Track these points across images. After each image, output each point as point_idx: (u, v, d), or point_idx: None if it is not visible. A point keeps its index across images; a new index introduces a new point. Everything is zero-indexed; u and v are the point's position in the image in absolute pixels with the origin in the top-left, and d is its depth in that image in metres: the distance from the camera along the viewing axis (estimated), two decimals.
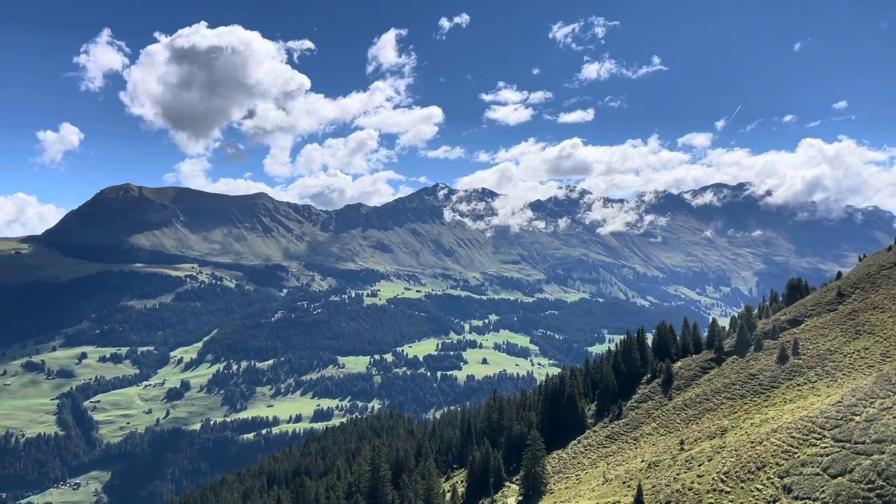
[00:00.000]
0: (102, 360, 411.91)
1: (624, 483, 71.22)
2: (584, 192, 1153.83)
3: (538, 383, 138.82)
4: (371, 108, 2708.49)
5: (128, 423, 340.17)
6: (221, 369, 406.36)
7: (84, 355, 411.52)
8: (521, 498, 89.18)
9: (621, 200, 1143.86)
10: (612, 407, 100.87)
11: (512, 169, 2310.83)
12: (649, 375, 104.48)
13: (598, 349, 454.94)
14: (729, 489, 51.34)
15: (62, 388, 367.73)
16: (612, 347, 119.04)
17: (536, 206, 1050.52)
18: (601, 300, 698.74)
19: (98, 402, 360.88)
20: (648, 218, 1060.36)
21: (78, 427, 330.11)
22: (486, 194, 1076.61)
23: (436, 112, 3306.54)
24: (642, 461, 76.02)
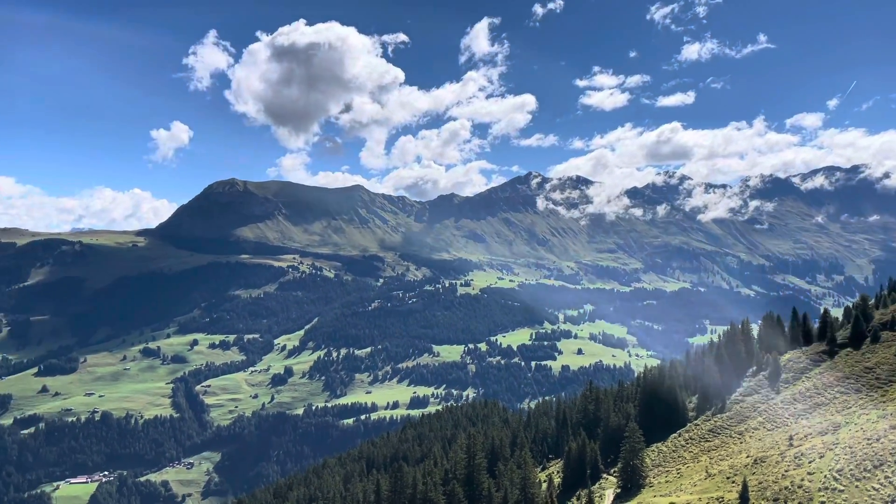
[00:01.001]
0: (212, 346, 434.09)
1: (728, 478, 68.89)
2: (683, 178, 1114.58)
3: (636, 374, 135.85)
4: (464, 98, 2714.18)
5: (236, 407, 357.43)
6: (322, 356, 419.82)
7: (195, 342, 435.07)
8: (619, 490, 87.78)
9: (724, 186, 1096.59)
10: (714, 400, 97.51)
11: (607, 155, 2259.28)
12: (755, 368, 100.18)
13: (699, 340, 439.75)
14: (842, 487, 48.65)
15: (176, 372, 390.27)
16: (715, 339, 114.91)
17: (633, 194, 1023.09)
18: (703, 290, 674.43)
19: (209, 386, 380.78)
20: (754, 203, 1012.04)
21: (191, 410, 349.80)
22: (581, 182, 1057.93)
23: (529, 100, 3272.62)
24: (748, 456, 73.20)
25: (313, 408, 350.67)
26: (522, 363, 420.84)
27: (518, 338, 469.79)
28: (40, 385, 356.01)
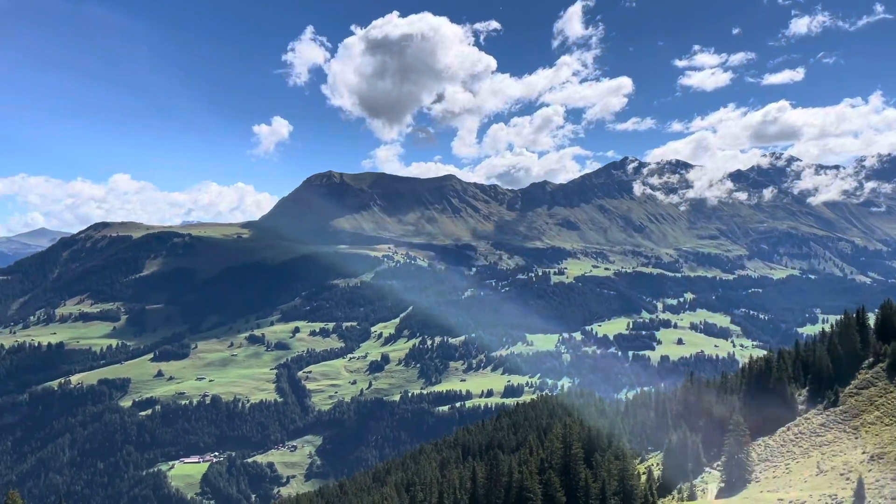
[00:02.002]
0: (313, 334, 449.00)
1: (841, 475, 65.22)
2: (791, 160, 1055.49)
3: (740, 365, 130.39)
4: (557, 83, 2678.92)
5: (336, 393, 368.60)
6: (417, 344, 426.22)
7: (297, 329, 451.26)
8: (722, 485, 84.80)
9: (836, 167, 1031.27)
10: (826, 393, 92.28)
11: (709, 138, 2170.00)
12: (872, 359, 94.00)
13: (809, 330, 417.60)
14: None
15: (279, 359, 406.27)
16: (827, 328, 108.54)
17: (737, 177, 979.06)
18: (813, 277, 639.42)
19: (310, 372, 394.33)
20: (870, 185, 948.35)
21: (293, 395, 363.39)
22: (680, 166, 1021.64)
23: (625, 83, 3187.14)
24: (863, 453, 68.96)
25: (409, 394, 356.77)
26: (619, 353, 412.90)
27: (614, 327, 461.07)
28: (156, 370, 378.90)
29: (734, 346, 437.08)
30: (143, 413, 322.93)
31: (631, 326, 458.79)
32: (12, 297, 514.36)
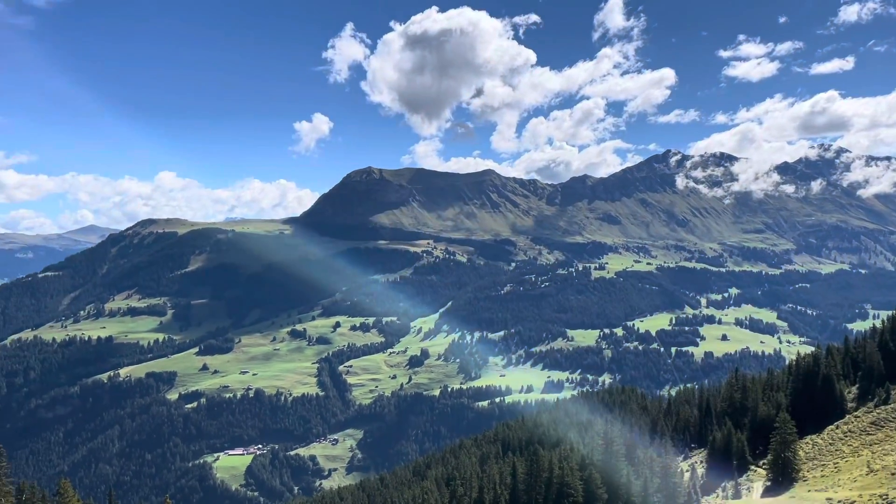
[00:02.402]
0: (353, 328, 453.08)
1: (893, 475, 63.31)
2: (841, 151, 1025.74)
3: (787, 362, 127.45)
4: (597, 76, 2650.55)
5: (376, 387, 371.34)
6: (456, 339, 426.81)
7: (338, 324, 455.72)
8: (768, 483, 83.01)
9: (888, 158, 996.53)
10: (877, 390, 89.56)
11: (754, 129, 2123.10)
12: None
13: (859, 326, 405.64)
14: None
15: (321, 353, 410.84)
16: (878, 324, 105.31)
17: (783, 169, 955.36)
18: (863, 272, 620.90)
19: (350, 366, 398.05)
20: None
21: (335, 389, 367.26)
22: (724, 158, 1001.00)
23: (667, 74, 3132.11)
24: None
25: (449, 389, 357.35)
26: (661, 349, 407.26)
27: (657, 323, 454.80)
28: (201, 363, 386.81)
29: (781, 342, 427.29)
30: (188, 406, 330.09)
31: (674, 322, 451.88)
32: (63, 293, 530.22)
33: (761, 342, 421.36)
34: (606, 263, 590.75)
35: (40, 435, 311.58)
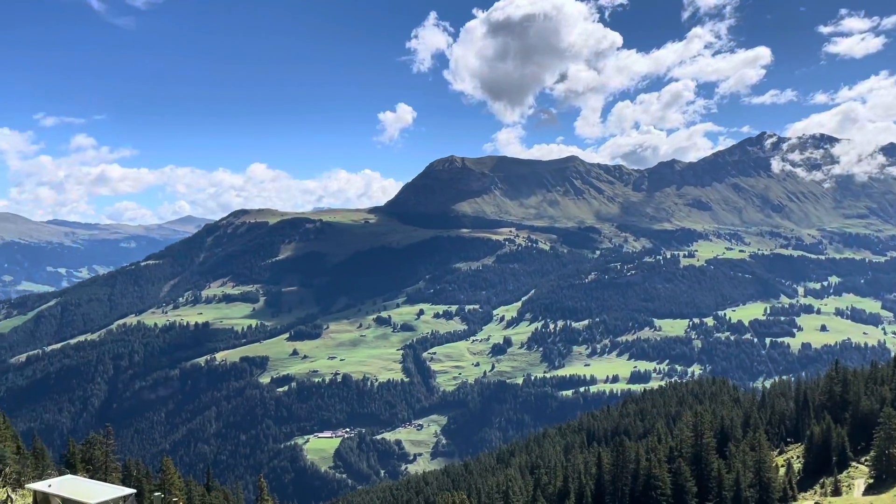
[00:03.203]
0: (436, 316, 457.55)
1: None
2: None
3: (893, 354, 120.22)
4: (687, 57, 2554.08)
5: (459, 374, 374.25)
6: (539, 328, 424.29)
7: (421, 312, 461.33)
8: (871, 481, 78.82)
9: None
10: None
11: (857, 109, 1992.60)
12: None
13: None
14: None
15: (405, 340, 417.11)
16: None
17: (890, 150, 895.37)
18: None
19: (434, 353, 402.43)
20: None
21: (419, 375, 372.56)
22: (824, 140, 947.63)
23: (762, 53, 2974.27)
24: None
25: (532, 378, 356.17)
26: (755, 339, 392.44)
27: (750, 312, 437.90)
28: (291, 349, 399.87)
29: (885, 333, 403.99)
30: (280, 389, 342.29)
31: (768, 312, 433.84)
32: (164, 280, 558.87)
33: (864, 333, 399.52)
34: (696, 251, 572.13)
35: (144, 415, 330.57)
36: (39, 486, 14.65)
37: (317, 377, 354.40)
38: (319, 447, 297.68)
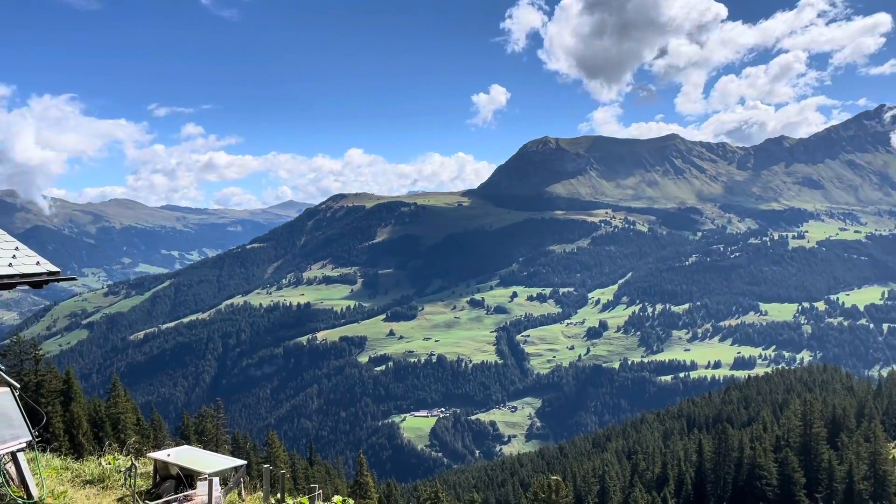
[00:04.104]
0: (530, 299, 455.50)
1: None
2: None
3: None
4: (798, 27, 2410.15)
5: (553, 357, 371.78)
6: (637, 311, 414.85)
7: (515, 294, 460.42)
8: None
9: None
10: None
11: None
12: None
13: None
14: None
15: (499, 322, 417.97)
16: None
17: None
18: None
19: (528, 336, 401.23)
20: None
21: (513, 357, 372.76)
22: None
23: (882, 20, 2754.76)
24: None
25: (629, 362, 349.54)
26: (871, 325, 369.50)
27: (866, 296, 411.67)
28: (388, 329, 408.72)
29: None
30: (377, 368, 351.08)
31: (886, 296, 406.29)
32: (268, 262, 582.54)
33: None
34: (806, 232, 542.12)
35: (251, 391, 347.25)
36: (159, 455, 15.62)
37: (412, 357, 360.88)
38: (415, 426, 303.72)
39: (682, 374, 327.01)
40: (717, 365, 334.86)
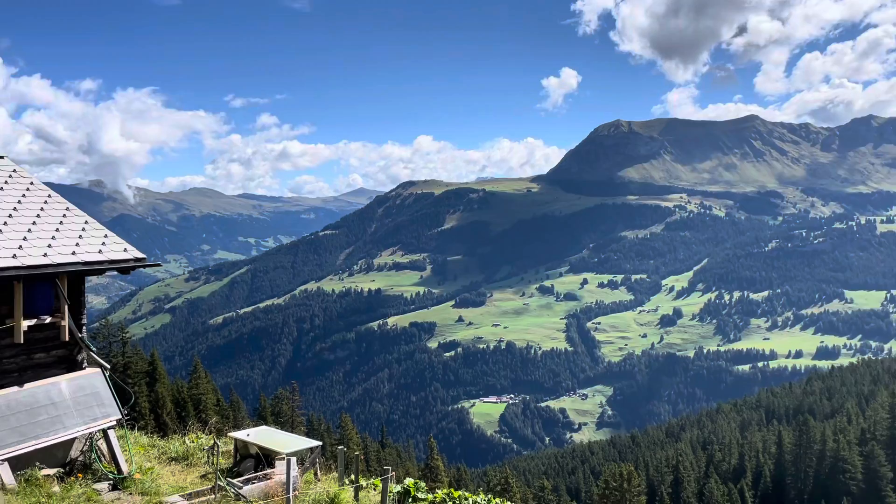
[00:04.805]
0: (601, 285, 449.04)
1: None
2: None
3: None
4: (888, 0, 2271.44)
5: (625, 345, 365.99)
6: (713, 299, 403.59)
7: (585, 281, 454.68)
8: None
9: None
10: None
11: None
12: None
13: None
14: None
15: (569, 309, 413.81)
16: None
17: None
18: None
19: (598, 323, 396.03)
20: None
21: (583, 345, 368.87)
22: None
23: None
24: None
25: (704, 351, 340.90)
26: None
27: None
28: (457, 315, 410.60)
29: None
30: (447, 354, 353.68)
31: None
32: (339, 249, 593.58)
33: None
34: None
35: (324, 374, 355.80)
36: (240, 434, 16.19)
37: (481, 343, 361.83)
38: (485, 411, 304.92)
39: (760, 364, 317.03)
40: (798, 354, 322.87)
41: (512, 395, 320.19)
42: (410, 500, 17.75)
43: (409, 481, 18.67)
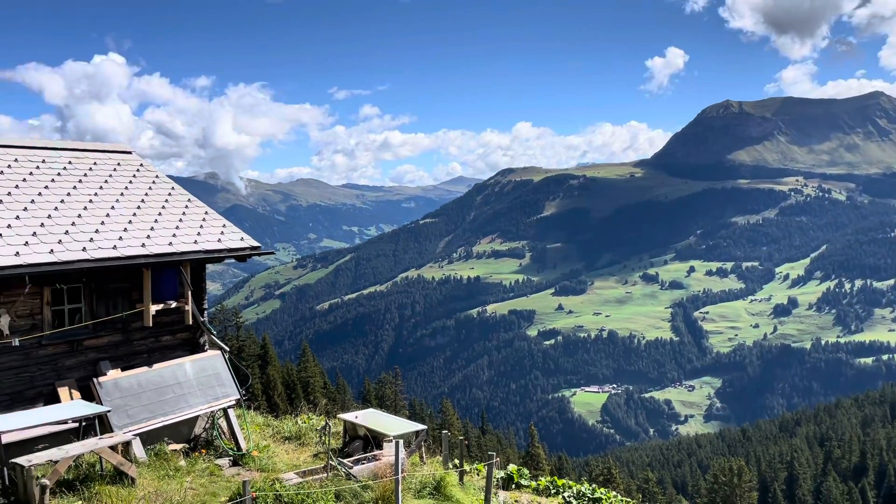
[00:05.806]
0: (709, 273, 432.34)
1: None
2: None
3: None
4: None
5: (735, 336, 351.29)
6: (832, 287, 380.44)
7: (692, 269, 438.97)
8: None
9: None
10: None
11: None
12: None
13: None
14: None
15: (674, 298, 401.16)
16: None
17: None
18: None
19: (706, 312, 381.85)
20: None
21: (689, 335, 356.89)
22: None
23: None
24: None
25: (822, 342, 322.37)
26: None
27: None
28: (557, 303, 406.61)
29: None
30: (546, 342, 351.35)
31: None
32: (439, 237, 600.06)
33: None
34: None
35: (425, 360, 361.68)
36: (349, 416, 16.78)
37: (582, 332, 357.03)
38: (586, 401, 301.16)
39: (884, 357, 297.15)
40: None
41: (614, 385, 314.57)
42: (514, 486, 17.84)
43: (512, 467, 18.75)
